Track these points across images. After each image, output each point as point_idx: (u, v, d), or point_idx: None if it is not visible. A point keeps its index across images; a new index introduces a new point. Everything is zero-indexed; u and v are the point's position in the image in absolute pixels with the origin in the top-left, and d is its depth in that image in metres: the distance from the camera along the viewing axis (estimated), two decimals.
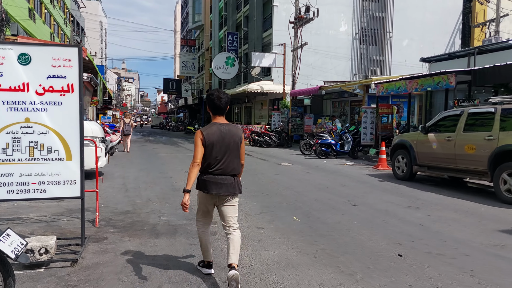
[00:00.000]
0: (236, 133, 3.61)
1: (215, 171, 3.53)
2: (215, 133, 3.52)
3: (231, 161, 3.57)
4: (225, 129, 3.56)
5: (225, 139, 3.54)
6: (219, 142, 3.51)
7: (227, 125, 3.61)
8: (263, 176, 10.27)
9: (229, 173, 3.58)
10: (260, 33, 29.82)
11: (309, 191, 8.23)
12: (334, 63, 27.49)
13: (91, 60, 19.00)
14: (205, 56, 50.25)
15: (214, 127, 3.55)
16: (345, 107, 22.43)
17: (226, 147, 3.54)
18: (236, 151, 3.60)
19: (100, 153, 9.02)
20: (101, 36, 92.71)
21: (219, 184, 3.52)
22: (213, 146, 3.50)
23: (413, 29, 28.88)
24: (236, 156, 3.61)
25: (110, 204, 6.65)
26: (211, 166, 3.53)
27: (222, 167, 3.53)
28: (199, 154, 3.49)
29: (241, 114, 38.54)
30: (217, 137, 3.52)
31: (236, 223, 3.71)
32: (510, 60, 12.14)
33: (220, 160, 3.53)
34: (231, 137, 3.57)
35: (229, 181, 3.57)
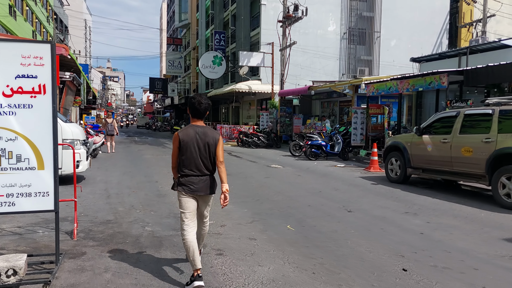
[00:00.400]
0: (212, 136, 3.74)
1: (191, 172, 3.70)
2: (190, 135, 3.69)
3: (207, 162, 3.73)
4: (201, 132, 3.72)
5: (199, 141, 3.69)
6: (193, 144, 3.68)
7: (203, 128, 3.76)
8: (253, 180, 9.91)
9: (204, 174, 3.73)
10: (248, 32, 29.44)
11: (301, 196, 7.90)
12: (323, 63, 27.28)
13: (74, 59, 18.37)
14: (191, 55, 49.66)
15: (190, 130, 3.73)
16: (334, 108, 22.20)
17: (201, 148, 3.69)
18: (211, 152, 3.73)
19: (80, 157, 8.55)
20: (86, 34, 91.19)
21: (196, 184, 3.70)
22: (187, 148, 3.67)
23: (401, 29, 28.84)
24: (210, 157, 3.74)
25: (90, 213, 6.21)
26: (187, 167, 3.70)
27: (198, 167, 3.70)
28: (175, 158, 3.78)
29: (229, 114, 38.11)
30: (192, 139, 3.68)
31: (208, 219, 4.02)
32: (500, 60, 12.01)
33: (195, 161, 3.69)
34: (206, 139, 3.71)
35: (204, 181, 3.74)
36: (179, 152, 3.72)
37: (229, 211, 6.51)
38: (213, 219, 5.95)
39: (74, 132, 8.52)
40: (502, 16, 28.77)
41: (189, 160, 3.68)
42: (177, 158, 3.75)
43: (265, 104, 28.41)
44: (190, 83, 51.05)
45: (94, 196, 7.46)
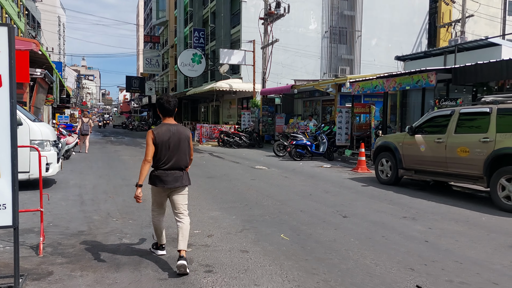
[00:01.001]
0: (184, 132, 4.04)
1: (165, 167, 3.94)
2: (164, 133, 3.93)
3: (180, 157, 4.00)
4: (174, 129, 3.99)
5: (174, 138, 3.95)
6: (168, 141, 3.91)
7: (175, 125, 4.04)
8: (238, 183, 9.38)
9: (178, 168, 4.02)
10: (228, 29, 28.86)
11: (292, 200, 7.42)
12: (304, 62, 26.96)
13: (45, 55, 17.39)
14: (169, 53, 48.66)
15: (164, 127, 3.97)
16: (316, 107, 21.89)
17: (174, 145, 3.95)
18: (184, 148, 4.01)
19: (50, 160, 7.84)
20: (59, 31, 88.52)
21: (169, 178, 3.96)
22: (163, 144, 3.90)
23: (381, 28, 28.85)
24: (184, 152, 4.03)
25: (60, 223, 5.56)
26: (161, 162, 3.94)
27: (171, 162, 3.95)
28: (150, 152, 3.91)
29: (208, 114, 37.42)
30: (166, 136, 3.92)
31: (186, 210, 4.22)
32: (487, 58, 11.87)
33: (169, 156, 3.94)
34: (179, 136, 3.99)
35: (178, 175, 4.04)
36: (155, 148, 3.93)
37: (216, 218, 5.97)
38: (199, 228, 5.40)
39: (44, 132, 7.79)
40: (479, 17, 29.15)
41: (164, 155, 3.94)
42: (152, 154, 3.92)
43: (246, 103, 27.91)
44: (168, 82, 50.05)
45: (67, 203, 6.78)
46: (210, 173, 11.05)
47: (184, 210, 4.19)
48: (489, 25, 30.85)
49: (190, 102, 43.47)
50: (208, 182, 9.45)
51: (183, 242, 3.94)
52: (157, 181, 3.99)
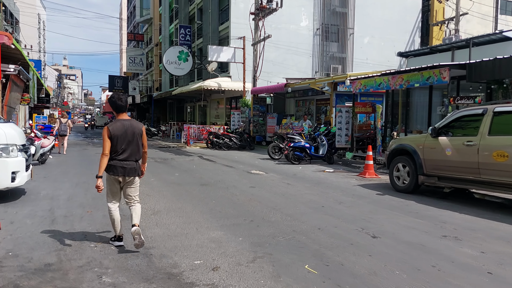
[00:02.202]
0: (137, 127, 4.42)
1: (120, 158, 4.32)
2: (119, 128, 4.30)
3: (133, 149, 4.39)
4: (127, 124, 4.36)
5: (127, 132, 4.32)
6: (122, 135, 4.30)
7: (129, 121, 4.41)
8: (237, 191, 8.26)
9: (131, 159, 4.39)
10: (216, 26, 27.68)
11: (303, 214, 6.35)
12: (296, 60, 25.96)
13: (19, 50, 15.93)
14: (154, 51, 47.13)
15: (118, 123, 4.34)
16: (310, 106, 20.92)
17: (128, 138, 4.34)
18: (137, 141, 4.41)
19: (17, 168, 6.60)
20: (39, 29, 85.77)
21: (123, 168, 4.34)
22: (118, 138, 4.28)
23: (374, 26, 28.05)
24: (137, 145, 4.41)
25: (22, 251, 4.36)
26: (117, 153, 4.31)
27: (125, 154, 4.34)
28: (107, 146, 4.28)
29: (195, 114, 36.16)
30: (121, 131, 4.29)
31: (137, 198, 4.58)
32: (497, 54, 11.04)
33: (124, 149, 4.32)
34: (133, 130, 4.36)
35: (131, 166, 4.40)
36: (111, 142, 4.29)
37: (219, 240, 4.86)
38: (200, 256, 4.29)
39: (9, 134, 6.55)
40: (472, 15, 28.65)
41: (119, 148, 4.31)
42: (108, 147, 4.28)
43: (235, 103, 26.81)
44: (152, 81, 48.54)
45: (33, 221, 5.56)
46: (203, 179, 9.91)
47: (135, 200, 4.57)
48: (481, 23, 30.42)
49: (175, 102, 42.12)
50: (202, 190, 8.31)
51: (136, 218, 4.45)
52: (112, 170, 4.35)
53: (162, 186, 8.86)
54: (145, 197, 7.45)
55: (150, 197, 7.52)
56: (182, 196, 7.68)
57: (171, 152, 17.98)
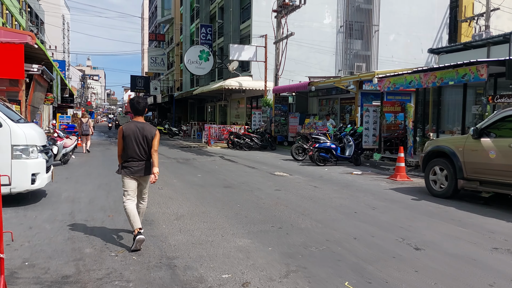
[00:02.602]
0: (150, 130, 4.65)
1: (132, 159, 4.60)
2: (132, 129, 4.58)
3: (144, 150, 4.64)
4: (140, 126, 4.62)
5: (139, 134, 4.59)
6: (134, 136, 4.57)
7: (142, 123, 4.67)
8: (262, 194, 7.90)
9: (142, 159, 4.64)
10: (237, 24, 27.38)
11: (335, 220, 5.94)
12: (318, 58, 25.42)
13: (43, 50, 15.99)
14: (175, 51, 47.28)
15: (132, 125, 4.63)
16: (334, 105, 20.38)
17: (140, 140, 4.59)
18: (148, 143, 4.64)
19: (37, 169, 6.40)
20: (63, 31, 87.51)
21: (136, 168, 4.61)
22: (130, 139, 4.57)
23: (400, 23, 27.25)
24: (149, 146, 4.64)
25: (39, 260, 4.10)
26: (129, 154, 4.60)
27: (137, 155, 4.61)
28: (120, 147, 4.65)
29: (215, 113, 35.98)
30: (133, 132, 4.58)
31: (147, 195, 4.94)
32: None
33: (135, 149, 4.59)
34: (144, 132, 4.61)
35: (143, 165, 4.64)
36: (123, 142, 4.56)
37: (247, 250, 4.51)
38: (228, 269, 3.93)
39: (29, 135, 6.36)
40: (503, 11, 27.50)
41: (130, 148, 4.55)
42: (122, 147, 4.59)
43: (256, 102, 26.47)
44: (173, 81, 48.72)
45: (52, 227, 5.32)
46: (226, 181, 9.59)
47: (145, 196, 4.90)
48: None
49: (196, 102, 42.08)
50: (226, 193, 7.98)
51: (142, 214, 4.91)
52: (126, 171, 4.61)
53: (185, 188, 8.57)
54: (168, 200, 7.17)
55: (173, 200, 7.23)
56: (205, 199, 7.36)
57: (193, 152, 17.76)
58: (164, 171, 11.20)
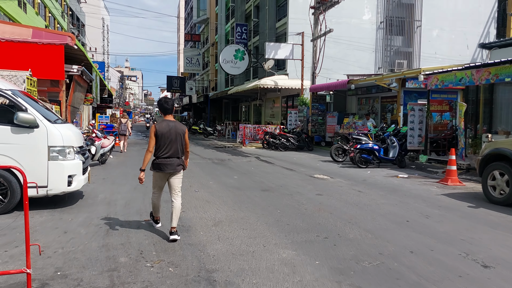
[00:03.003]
0: (180, 128, 4.91)
1: (164, 155, 4.83)
2: (164, 127, 4.81)
3: (175, 148, 4.86)
4: (172, 125, 4.86)
5: (171, 132, 4.82)
6: (166, 134, 4.80)
7: (174, 122, 4.91)
8: (303, 199, 7.46)
9: (174, 156, 4.87)
10: (273, 22, 26.97)
11: (386, 230, 5.42)
12: (357, 55, 24.59)
13: (82, 51, 16.25)
14: (210, 51, 47.49)
15: (164, 123, 4.86)
16: (374, 104, 19.57)
17: (172, 138, 4.83)
18: (180, 140, 4.90)
19: (73, 171, 6.26)
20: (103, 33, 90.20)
21: (168, 165, 4.84)
22: (162, 137, 4.80)
23: (444, 18, 25.95)
24: (180, 144, 4.91)
25: (72, 269, 3.86)
26: (161, 151, 4.82)
27: (169, 152, 4.83)
28: (152, 143, 4.85)
29: (250, 113, 35.75)
30: (166, 130, 4.80)
31: (180, 191, 4.99)
32: None
33: (167, 147, 4.82)
34: (176, 130, 4.86)
35: (175, 162, 4.88)
36: (156, 140, 4.83)
37: (292, 263, 4.10)
38: (273, 286, 3.53)
39: (66, 136, 6.23)
40: None
41: (163, 146, 4.82)
42: (154, 145, 4.85)
43: (291, 101, 25.97)
44: (208, 81, 48.96)
45: (87, 232, 5.12)
46: (263, 183, 9.21)
47: (178, 191, 4.96)
48: None
49: (231, 102, 42.07)
50: (264, 197, 7.60)
51: (175, 220, 4.84)
52: (158, 168, 4.84)
53: (222, 190, 8.27)
54: (205, 204, 6.87)
55: (210, 204, 6.93)
56: (243, 204, 7.01)
57: (228, 153, 17.54)
58: (200, 172, 10.98)
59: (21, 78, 11.73)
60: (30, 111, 5.92)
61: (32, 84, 11.93)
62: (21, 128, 5.85)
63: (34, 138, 5.91)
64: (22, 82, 11.65)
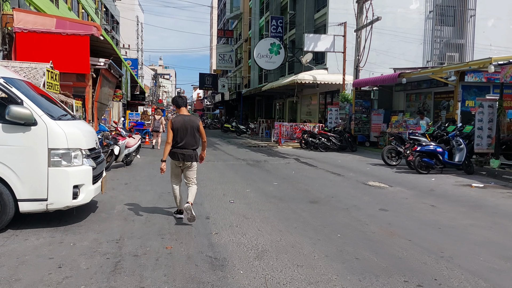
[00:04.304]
0: (194, 121, 5.41)
1: (180, 146, 5.31)
2: (179, 121, 5.32)
3: (190, 139, 5.33)
4: (187, 119, 5.38)
5: (186, 125, 5.33)
6: (181, 127, 5.31)
7: (188, 116, 5.45)
8: (363, 215, 5.93)
9: (189, 148, 5.34)
10: (312, 14, 25.28)
11: (499, 272, 3.84)
12: (403, 48, 22.53)
13: (109, 43, 15.26)
14: (243, 47, 46.25)
15: (179, 117, 5.39)
16: (426, 101, 17.62)
17: (187, 130, 5.32)
18: (194, 133, 5.37)
19: (81, 180, 5.01)
20: (137, 31, 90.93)
21: (182, 155, 5.31)
22: (178, 130, 5.30)
23: (500, 6, 23.44)
24: (194, 136, 5.36)
25: None
26: (177, 143, 5.31)
27: (184, 143, 5.29)
28: (170, 136, 5.31)
29: (284, 111, 34.17)
30: (181, 123, 5.32)
31: (195, 180, 5.54)
32: None
33: (182, 139, 5.30)
34: (191, 123, 5.35)
35: (189, 153, 5.34)
36: (173, 132, 5.30)
37: None
38: None
39: (72, 135, 4.98)
40: None
41: (180, 138, 5.30)
42: (172, 137, 5.30)
43: (331, 98, 24.25)
44: (241, 78, 47.73)
45: (89, 266, 3.80)
46: (309, 192, 7.74)
47: (193, 181, 5.51)
48: None
49: (264, 99, 40.67)
50: (314, 212, 6.13)
51: (192, 196, 5.38)
52: (174, 157, 5.35)
53: (261, 201, 6.87)
54: (243, 222, 5.48)
55: (249, 221, 5.53)
56: (290, 221, 5.58)
57: (263, 153, 16.15)
58: (234, 177, 9.64)
59: (41, 71, 10.75)
60: (27, 104, 4.71)
61: (53, 78, 10.93)
62: (15, 126, 4.65)
63: (30, 138, 4.71)
64: (42, 75, 10.67)
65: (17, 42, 12.41)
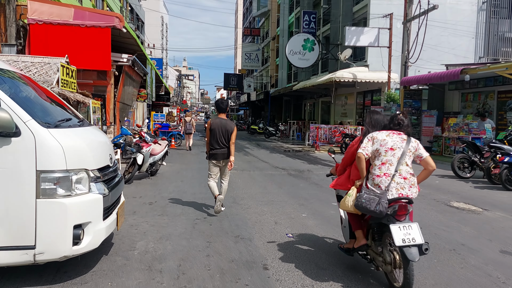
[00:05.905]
0: (230, 125, 6.00)
1: (216, 147, 5.92)
2: (217, 124, 5.97)
3: (225, 141, 5.92)
4: (224, 122, 6.00)
5: (222, 128, 5.94)
6: (218, 129, 5.93)
7: (225, 120, 6.05)
8: (483, 263, 4.11)
9: (223, 147, 5.93)
10: (350, 7, 23.30)
11: None
12: (453, 43, 20.32)
13: (133, 37, 13.81)
14: (270, 46, 44.55)
15: (217, 120, 6.01)
16: (486, 101, 15.47)
17: (223, 133, 5.92)
18: (227, 136, 5.92)
19: (87, 217, 3.40)
20: (162, 31, 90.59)
21: (219, 154, 5.93)
22: (215, 131, 5.92)
23: None
24: (227, 138, 5.92)
25: None
26: (214, 144, 5.93)
27: (220, 144, 5.91)
28: (209, 136, 5.99)
29: (315, 112, 32.23)
30: (218, 126, 5.96)
31: (228, 175, 6.22)
32: None
33: (218, 140, 5.91)
34: (226, 127, 5.96)
35: (224, 151, 5.94)
36: (210, 133, 5.95)
37: None
38: None
39: (73, 150, 3.38)
40: None
41: (215, 139, 5.92)
42: (209, 137, 5.97)
43: (370, 97, 22.23)
44: (269, 77, 45.99)
45: None
46: None
47: (227, 176, 6.18)
48: None
49: (292, 99, 38.81)
50: None
51: (224, 191, 6.10)
52: (212, 157, 5.97)
53: (328, 233, 5.12)
54: (318, 273, 3.74)
55: (325, 272, 3.79)
56: None
57: (301, 159, 14.41)
58: (279, 193, 7.94)
59: (54, 66, 9.27)
60: (5, 105, 3.13)
61: (69, 74, 9.46)
62: None
63: (10, 155, 3.13)
64: (56, 71, 9.23)
65: (31, 35, 11.07)
